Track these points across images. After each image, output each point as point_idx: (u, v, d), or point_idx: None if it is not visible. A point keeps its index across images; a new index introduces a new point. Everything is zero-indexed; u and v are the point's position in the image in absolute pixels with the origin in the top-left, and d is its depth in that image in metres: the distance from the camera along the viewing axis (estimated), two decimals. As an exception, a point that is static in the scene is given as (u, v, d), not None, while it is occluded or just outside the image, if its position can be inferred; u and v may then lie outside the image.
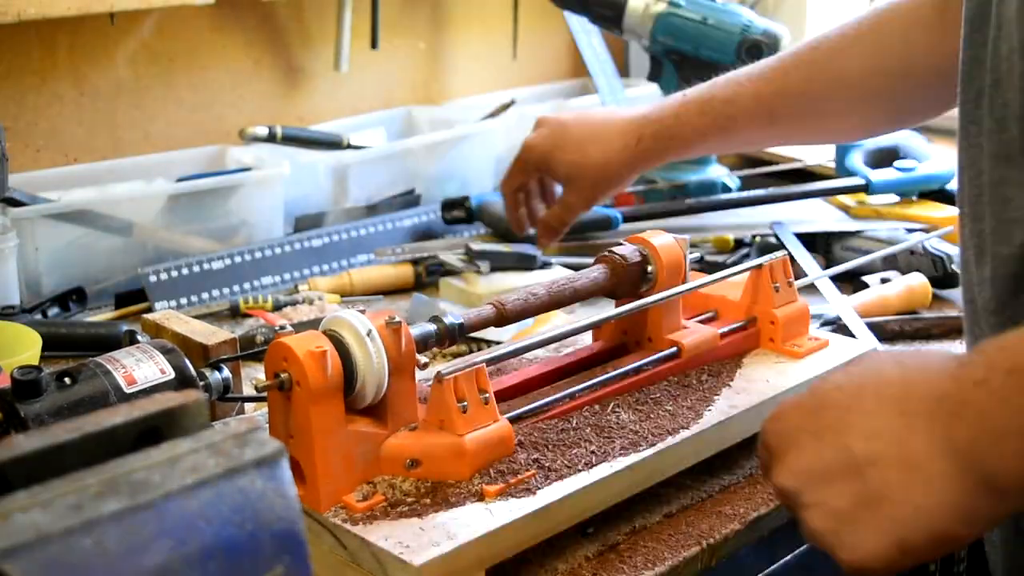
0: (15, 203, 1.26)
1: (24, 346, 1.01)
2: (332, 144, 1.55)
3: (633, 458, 0.81)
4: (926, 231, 1.34)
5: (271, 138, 1.49)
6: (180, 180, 1.41)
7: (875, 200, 1.47)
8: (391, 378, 0.77)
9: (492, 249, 1.33)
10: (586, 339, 0.99)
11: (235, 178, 1.39)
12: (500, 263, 1.32)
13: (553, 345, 0.96)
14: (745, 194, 1.48)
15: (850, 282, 1.27)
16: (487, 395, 0.80)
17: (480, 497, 0.76)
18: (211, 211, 1.38)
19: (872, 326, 1.15)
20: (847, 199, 1.48)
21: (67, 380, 0.81)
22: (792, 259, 1.13)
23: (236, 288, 1.32)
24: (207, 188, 1.37)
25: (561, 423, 0.85)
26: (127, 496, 0.44)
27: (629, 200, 1.54)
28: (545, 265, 1.33)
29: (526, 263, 1.32)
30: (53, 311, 1.25)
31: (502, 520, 0.73)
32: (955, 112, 0.81)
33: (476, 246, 1.33)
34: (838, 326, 1.14)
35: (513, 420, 0.83)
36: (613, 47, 1.84)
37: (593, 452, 0.81)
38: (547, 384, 0.90)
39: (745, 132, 1.19)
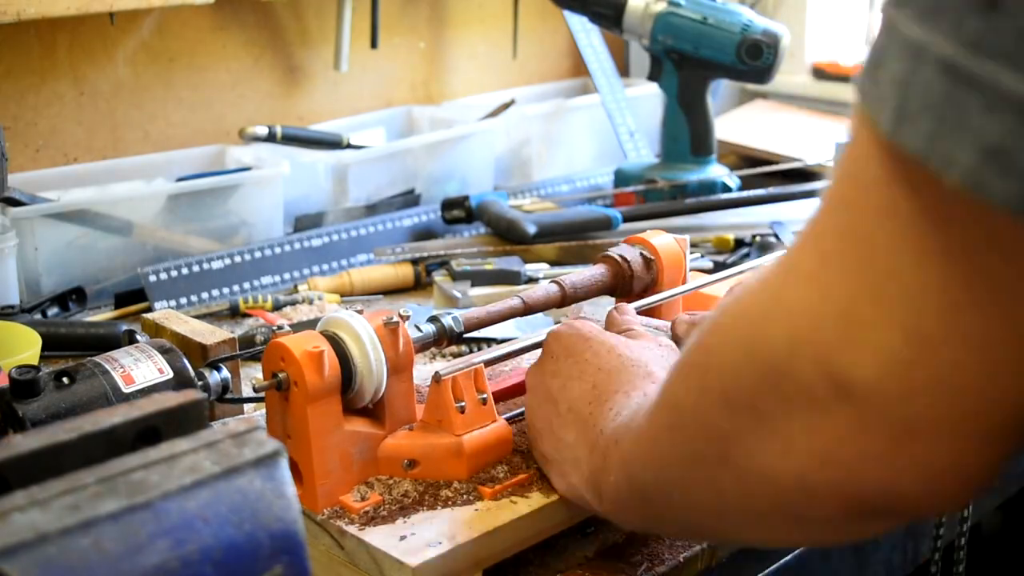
0: (15, 203, 1.26)
1: (24, 346, 1.01)
2: (332, 144, 1.55)
3: (632, 458, 0.81)
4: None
5: (271, 138, 1.49)
6: (180, 180, 1.41)
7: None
8: (389, 378, 0.77)
9: (472, 269, 1.26)
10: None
11: (235, 178, 1.39)
12: (481, 281, 1.25)
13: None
14: (745, 194, 1.48)
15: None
16: (485, 395, 0.80)
17: (478, 497, 0.76)
18: (211, 211, 1.38)
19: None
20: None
21: (65, 380, 0.81)
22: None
23: (236, 288, 1.32)
24: (207, 188, 1.37)
25: (560, 423, 0.84)
26: (125, 496, 0.44)
27: (629, 200, 1.54)
28: (531, 281, 1.27)
29: (510, 279, 1.26)
30: (53, 311, 1.25)
31: (500, 520, 0.73)
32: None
33: (458, 266, 1.26)
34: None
35: (511, 420, 0.83)
36: (613, 47, 1.84)
37: (592, 452, 0.81)
38: (546, 384, 0.90)
39: None
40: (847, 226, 0.46)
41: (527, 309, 0.90)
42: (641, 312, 0.92)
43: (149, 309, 1.25)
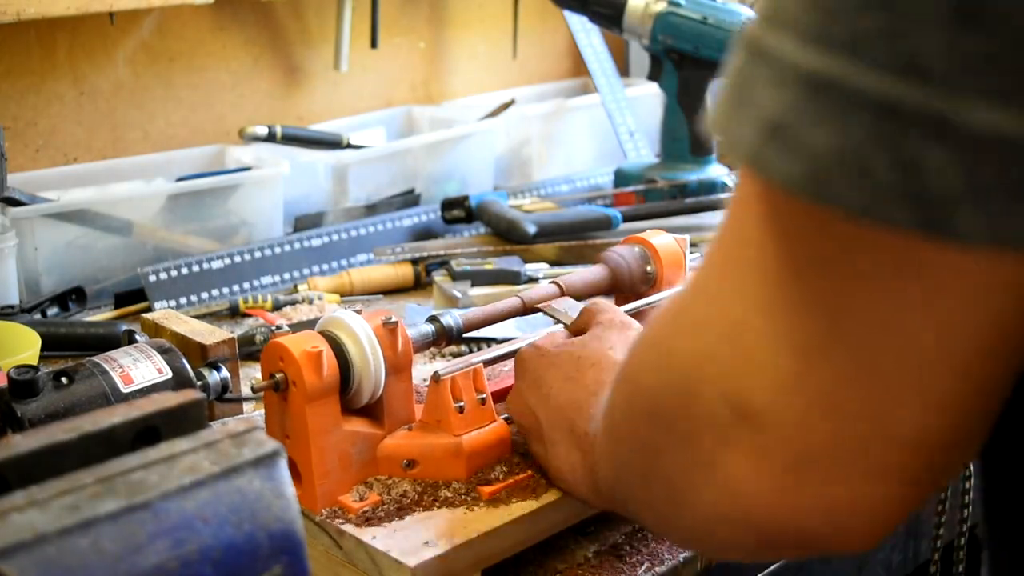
0: (14, 203, 1.26)
1: (23, 346, 1.01)
2: (332, 144, 1.55)
3: (631, 458, 0.81)
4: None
5: (271, 137, 1.49)
6: (180, 180, 1.41)
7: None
8: (387, 378, 0.77)
9: (472, 269, 1.26)
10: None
11: (235, 178, 1.39)
12: (481, 281, 1.25)
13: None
14: (745, 194, 1.48)
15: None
16: (484, 396, 0.80)
17: (477, 497, 0.76)
18: (211, 211, 1.38)
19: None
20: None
21: (64, 380, 0.81)
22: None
23: (236, 288, 1.32)
24: (207, 188, 1.37)
25: (559, 423, 0.84)
26: (124, 496, 0.44)
27: (629, 200, 1.54)
28: (531, 281, 1.27)
29: (510, 279, 1.26)
30: (52, 311, 1.25)
31: (499, 520, 0.73)
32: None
33: (458, 266, 1.26)
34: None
35: (510, 421, 0.83)
36: (613, 47, 1.84)
37: (591, 452, 0.81)
38: (545, 384, 0.90)
39: None
40: (739, 232, 0.44)
41: (527, 309, 0.90)
42: (638, 311, 0.92)
43: (149, 309, 1.25)
